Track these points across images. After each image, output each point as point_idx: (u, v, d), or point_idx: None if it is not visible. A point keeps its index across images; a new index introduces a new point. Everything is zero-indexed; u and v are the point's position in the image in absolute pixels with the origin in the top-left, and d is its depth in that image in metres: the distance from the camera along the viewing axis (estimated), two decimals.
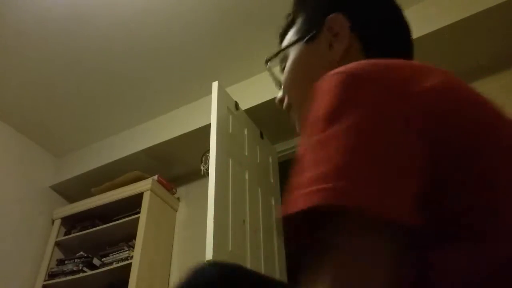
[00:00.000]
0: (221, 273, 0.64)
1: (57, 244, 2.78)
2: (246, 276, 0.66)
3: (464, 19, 2.04)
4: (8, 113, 2.83)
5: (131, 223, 2.55)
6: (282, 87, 0.77)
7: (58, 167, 3.13)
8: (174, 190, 2.85)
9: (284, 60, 0.76)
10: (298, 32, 0.75)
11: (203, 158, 2.44)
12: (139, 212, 2.55)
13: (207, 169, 2.05)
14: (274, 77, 0.81)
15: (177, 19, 2.32)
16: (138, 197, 2.62)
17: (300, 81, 0.73)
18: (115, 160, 2.86)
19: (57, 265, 2.71)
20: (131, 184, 2.71)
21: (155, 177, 2.73)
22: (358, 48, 0.69)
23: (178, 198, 2.87)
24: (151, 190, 2.62)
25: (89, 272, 2.55)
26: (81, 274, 2.53)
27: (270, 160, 2.48)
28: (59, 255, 2.78)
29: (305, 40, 0.73)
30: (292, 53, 0.74)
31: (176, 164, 2.89)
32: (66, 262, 2.68)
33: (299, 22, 0.76)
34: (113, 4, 2.25)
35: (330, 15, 0.71)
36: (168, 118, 2.84)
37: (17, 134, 2.95)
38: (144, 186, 2.65)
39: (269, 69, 0.80)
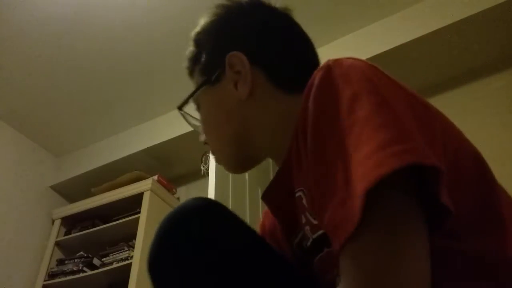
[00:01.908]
0: (209, 203, 0.64)
1: (57, 244, 2.78)
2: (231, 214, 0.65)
3: (464, 19, 2.04)
4: (8, 113, 2.83)
5: (131, 223, 2.55)
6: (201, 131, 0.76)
7: (58, 167, 3.13)
8: (174, 190, 2.85)
9: (196, 101, 0.76)
10: (202, 73, 0.74)
11: (203, 158, 2.44)
12: (139, 212, 2.55)
13: (207, 169, 2.05)
14: (190, 123, 0.81)
15: (177, 19, 2.32)
16: (138, 197, 2.62)
17: (216, 127, 0.73)
18: (115, 160, 2.86)
19: (57, 265, 2.71)
20: (131, 184, 2.71)
21: (155, 177, 2.73)
22: (264, 79, 0.68)
23: (178, 198, 2.87)
24: (151, 190, 2.62)
25: (89, 272, 2.55)
26: (81, 274, 2.53)
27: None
28: (59, 255, 2.77)
29: (211, 83, 0.71)
30: (202, 98, 0.74)
31: (176, 164, 2.89)
32: (66, 262, 2.68)
33: (202, 60, 0.75)
34: (114, 5, 2.25)
35: (229, 54, 0.69)
36: (168, 118, 2.84)
37: (17, 134, 2.95)
38: (144, 186, 2.65)
39: (184, 116, 0.80)
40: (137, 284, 2.26)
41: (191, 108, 0.80)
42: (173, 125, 2.77)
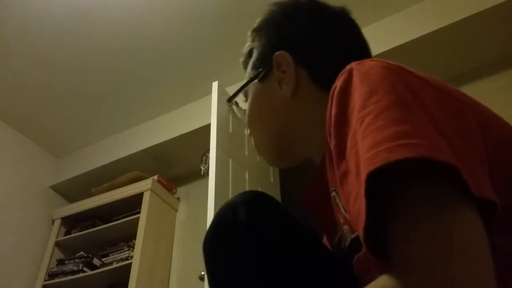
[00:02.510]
0: (256, 196, 0.65)
1: (57, 244, 2.78)
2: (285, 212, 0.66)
3: (464, 19, 2.04)
4: (8, 113, 2.83)
5: (131, 223, 2.55)
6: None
7: (58, 167, 3.13)
8: (174, 190, 2.85)
9: (246, 94, 0.78)
10: (253, 68, 0.77)
11: (203, 158, 2.44)
12: (139, 212, 2.55)
13: (207, 169, 2.05)
14: (237, 116, 0.83)
15: (177, 19, 2.32)
16: (138, 197, 2.62)
17: (259, 121, 0.75)
18: (115, 160, 2.86)
19: (57, 265, 2.71)
20: (131, 184, 2.71)
21: (155, 177, 2.73)
22: (308, 80, 0.70)
23: (178, 198, 2.87)
24: (151, 190, 2.62)
25: (89, 272, 2.55)
26: (81, 274, 2.53)
27: None
28: (59, 255, 2.78)
29: (258, 79, 0.74)
30: (250, 92, 0.76)
31: (176, 164, 2.89)
32: (66, 262, 2.68)
33: (254, 56, 0.77)
34: (113, 5, 2.25)
35: (276, 53, 0.71)
36: (168, 118, 2.84)
37: (17, 134, 2.95)
38: (144, 186, 2.65)
39: (231, 109, 0.83)
40: (137, 284, 2.26)
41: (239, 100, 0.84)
42: (173, 125, 2.77)
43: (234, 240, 0.60)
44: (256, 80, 0.75)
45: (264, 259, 0.57)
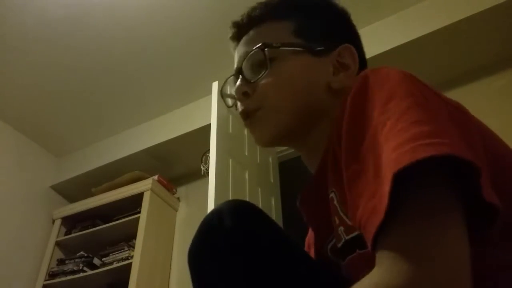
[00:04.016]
0: (240, 204, 0.66)
1: (58, 244, 2.78)
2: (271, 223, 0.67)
3: (464, 19, 2.04)
4: (8, 113, 2.83)
5: (131, 223, 2.55)
6: (256, 83, 0.69)
7: (58, 167, 3.13)
8: (174, 190, 2.85)
9: (273, 55, 0.69)
10: (299, 36, 0.70)
11: (203, 158, 2.44)
12: (139, 212, 2.55)
13: (207, 169, 2.05)
14: (247, 66, 0.72)
15: (177, 19, 2.33)
16: (138, 197, 2.62)
17: (289, 90, 0.68)
18: (115, 160, 2.86)
19: (58, 265, 2.71)
20: (131, 184, 2.71)
21: (155, 177, 2.73)
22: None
23: (178, 198, 2.87)
24: (151, 190, 2.63)
25: (90, 272, 2.55)
26: (82, 274, 2.53)
27: (270, 160, 2.48)
28: (59, 255, 2.78)
29: (313, 51, 0.69)
30: (293, 56, 0.69)
31: (176, 164, 2.89)
32: (66, 262, 2.68)
33: (296, 26, 0.71)
34: (113, 5, 2.25)
35: (346, 45, 0.70)
36: (168, 118, 2.85)
37: (17, 134, 2.96)
38: (144, 186, 2.65)
39: (251, 56, 0.71)
40: (137, 283, 2.26)
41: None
42: (173, 125, 2.77)
43: (221, 250, 0.60)
44: (308, 51, 0.69)
45: (252, 267, 0.58)
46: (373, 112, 0.46)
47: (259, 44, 0.69)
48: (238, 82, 0.71)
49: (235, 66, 0.76)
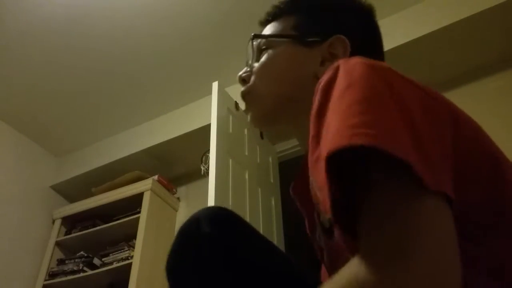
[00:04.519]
0: (227, 214, 0.67)
1: (58, 244, 2.78)
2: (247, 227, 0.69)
3: (464, 19, 2.04)
4: (8, 113, 2.83)
5: (131, 223, 2.55)
6: (252, 70, 0.76)
7: (58, 167, 3.14)
8: (174, 190, 2.85)
9: (265, 46, 0.75)
10: (296, 28, 0.74)
11: (203, 158, 2.44)
12: (139, 212, 2.55)
13: (207, 169, 2.05)
14: (251, 54, 0.79)
15: (178, 19, 2.33)
16: (138, 197, 2.62)
17: (276, 78, 0.73)
18: (115, 160, 2.86)
19: (58, 264, 2.71)
20: (131, 184, 2.71)
21: (155, 177, 2.73)
22: None
23: (178, 198, 2.87)
24: (151, 190, 2.63)
25: (90, 272, 2.55)
26: (82, 274, 2.53)
27: (270, 160, 2.49)
28: (59, 255, 2.78)
29: (303, 41, 0.72)
30: (281, 46, 0.73)
31: (176, 164, 2.89)
32: (66, 261, 2.68)
33: (296, 19, 0.75)
34: (114, 5, 2.25)
35: (339, 36, 0.71)
36: (168, 118, 2.85)
37: (17, 134, 2.96)
38: (144, 186, 2.65)
39: (251, 45, 0.78)
40: (137, 283, 2.26)
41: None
42: (173, 125, 2.77)
43: (201, 260, 0.60)
44: (297, 41, 0.72)
45: (233, 276, 0.59)
46: (330, 101, 0.48)
47: (252, 35, 0.76)
48: (244, 69, 0.78)
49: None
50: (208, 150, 1.97)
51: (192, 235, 0.62)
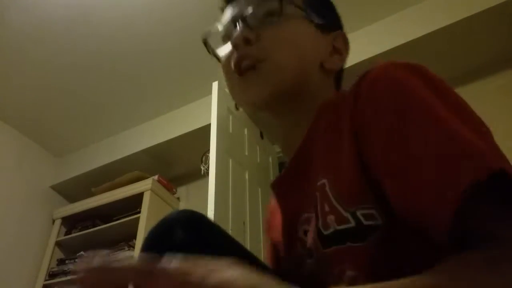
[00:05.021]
0: (191, 215, 0.63)
1: (58, 244, 2.79)
2: (213, 226, 0.66)
3: (464, 19, 2.04)
4: (8, 113, 2.83)
5: (131, 223, 2.55)
6: (257, 32, 0.65)
7: (58, 167, 3.13)
8: (174, 190, 2.85)
9: (279, 11, 0.65)
10: (309, 6, 0.68)
11: (203, 158, 2.44)
12: (139, 212, 2.55)
13: (207, 169, 2.05)
14: (253, 12, 0.67)
15: (178, 19, 2.33)
16: (138, 197, 2.62)
17: (301, 57, 0.66)
18: (115, 160, 2.86)
19: (58, 265, 2.71)
20: (131, 184, 2.71)
21: (155, 177, 2.73)
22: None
23: (178, 198, 2.87)
24: (151, 190, 2.63)
25: None
26: None
27: (270, 160, 2.49)
28: (59, 255, 2.78)
29: (319, 23, 0.68)
30: (298, 19, 0.67)
31: (176, 164, 2.89)
32: (66, 262, 2.68)
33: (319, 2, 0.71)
34: (113, 5, 2.25)
35: (342, 31, 0.72)
36: (168, 118, 2.85)
37: (17, 134, 2.96)
38: (144, 186, 2.65)
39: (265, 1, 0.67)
40: None
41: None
42: (173, 125, 2.77)
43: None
44: (310, 20, 0.67)
45: None
46: (422, 97, 0.48)
47: None
48: (240, 28, 0.66)
49: (233, 14, 0.70)
50: (208, 150, 1.97)
51: (162, 239, 0.59)
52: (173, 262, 0.33)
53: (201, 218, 0.64)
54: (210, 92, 2.12)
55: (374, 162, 0.49)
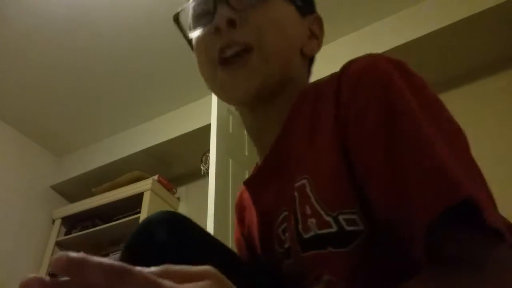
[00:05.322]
0: (173, 217, 0.61)
1: (58, 244, 2.79)
2: (196, 228, 0.64)
3: (464, 19, 2.04)
4: (8, 113, 2.83)
5: (131, 223, 2.55)
6: (244, 15, 0.58)
7: (58, 167, 3.13)
8: (174, 190, 2.85)
9: None
10: None
11: (203, 158, 2.44)
12: (139, 212, 2.55)
13: (207, 169, 2.05)
14: None
15: None
16: (138, 197, 2.62)
17: (289, 42, 0.62)
18: (115, 160, 2.86)
19: None
20: (131, 184, 2.71)
21: (155, 177, 2.73)
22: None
23: (178, 198, 2.87)
24: (151, 190, 2.62)
25: None
26: None
27: None
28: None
29: (300, 6, 0.64)
30: (287, 5, 0.62)
31: (176, 164, 2.89)
32: None
33: None
34: (113, 5, 2.25)
35: (318, 15, 0.68)
36: (168, 118, 2.85)
37: (17, 134, 2.96)
38: (144, 186, 2.65)
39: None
40: None
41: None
42: (173, 125, 2.77)
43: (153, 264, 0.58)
44: (295, 7, 0.63)
45: None
46: (407, 98, 0.47)
47: None
48: (221, 9, 0.58)
49: None
50: (208, 150, 1.97)
51: (145, 241, 0.56)
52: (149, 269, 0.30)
53: (184, 219, 0.61)
54: (210, 92, 2.09)
55: (359, 163, 0.48)
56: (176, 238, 0.56)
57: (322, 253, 0.50)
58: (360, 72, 0.51)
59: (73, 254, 0.27)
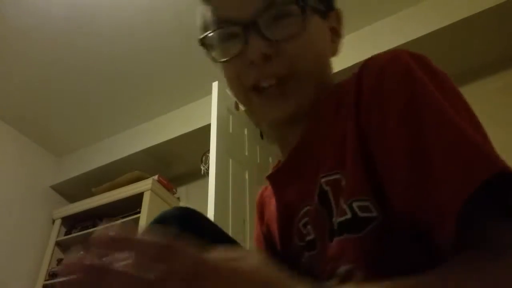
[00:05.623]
0: (186, 212, 0.63)
1: (58, 244, 2.79)
2: (208, 222, 0.65)
3: (464, 19, 2.04)
4: (8, 113, 2.83)
5: (131, 223, 2.55)
6: (277, 44, 0.57)
7: (58, 167, 3.14)
8: (174, 190, 2.85)
9: (294, 12, 0.57)
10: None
11: (203, 158, 2.44)
12: (139, 212, 2.55)
13: (207, 169, 2.05)
14: (267, 20, 0.57)
15: (178, 19, 2.33)
16: (138, 197, 2.62)
17: (320, 59, 0.62)
18: (115, 160, 2.86)
19: (58, 265, 2.71)
20: (131, 184, 2.71)
21: (155, 177, 2.73)
22: None
23: (178, 198, 2.87)
24: (151, 190, 2.63)
25: None
26: None
27: (270, 160, 2.48)
28: (59, 254, 2.78)
29: (321, 10, 0.62)
30: (316, 18, 0.60)
31: (176, 164, 2.89)
32: None
33: None
34: (113, 5, 2.25)
35: (338, 8, 0.66)
36: (168, 118, 2.85)
37: (17, 134, 2.96)
38: (144, 186, 2.65)
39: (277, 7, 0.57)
40: None
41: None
42: (173, 125, 2.77)
43: None
44: (319, 14, 0.61)
45: None
46: (430, 92, 0.47)
47: None
48: (255, 40, 0.56)
49: (235, 14, 0.58)
50: (208, 150, 1.97)
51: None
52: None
53: (198, 215, 0.63)
54: (210, 92, 2.12)
55: (382, 154, 0.48)
56: (189, 232, 0.58)
57: (340, 239, 0.52)
58: (383, 64, 0.51)
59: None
